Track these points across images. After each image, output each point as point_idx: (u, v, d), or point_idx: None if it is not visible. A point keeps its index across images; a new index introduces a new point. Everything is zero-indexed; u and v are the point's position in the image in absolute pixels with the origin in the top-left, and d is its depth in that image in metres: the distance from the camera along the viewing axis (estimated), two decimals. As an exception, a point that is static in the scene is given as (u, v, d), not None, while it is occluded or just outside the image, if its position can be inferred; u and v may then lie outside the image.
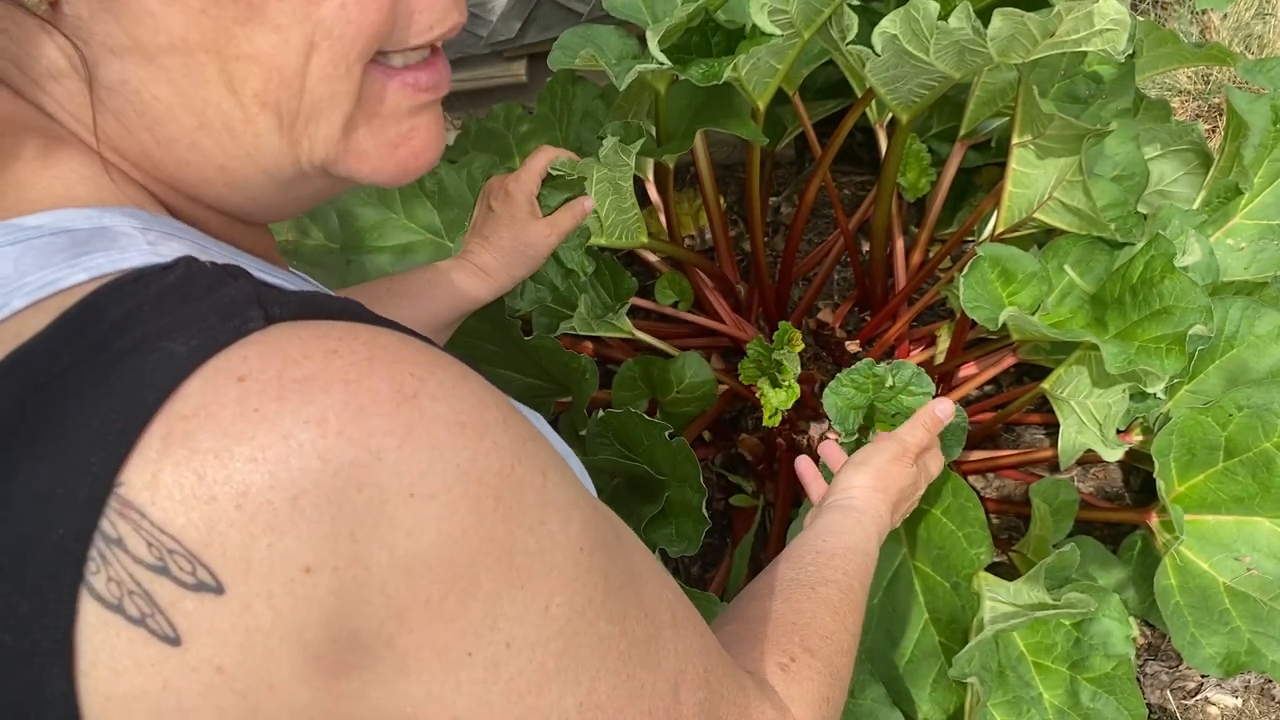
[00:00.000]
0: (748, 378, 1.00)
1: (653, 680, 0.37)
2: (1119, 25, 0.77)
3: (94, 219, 0.34)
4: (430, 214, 1.19)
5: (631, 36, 1.04)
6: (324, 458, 0.28)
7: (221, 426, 0.28)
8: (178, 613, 0.28)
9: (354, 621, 0.29)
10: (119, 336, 0.30)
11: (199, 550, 0.28)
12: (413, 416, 0.30)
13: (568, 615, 0.33)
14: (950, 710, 0.87)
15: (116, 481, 0.28)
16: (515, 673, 0.32)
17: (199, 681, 0.28)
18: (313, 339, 0.30)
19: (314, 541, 0.28)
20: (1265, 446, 0.88)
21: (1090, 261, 0.97)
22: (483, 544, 0.31)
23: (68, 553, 0.28)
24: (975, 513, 0.90)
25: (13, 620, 0.28)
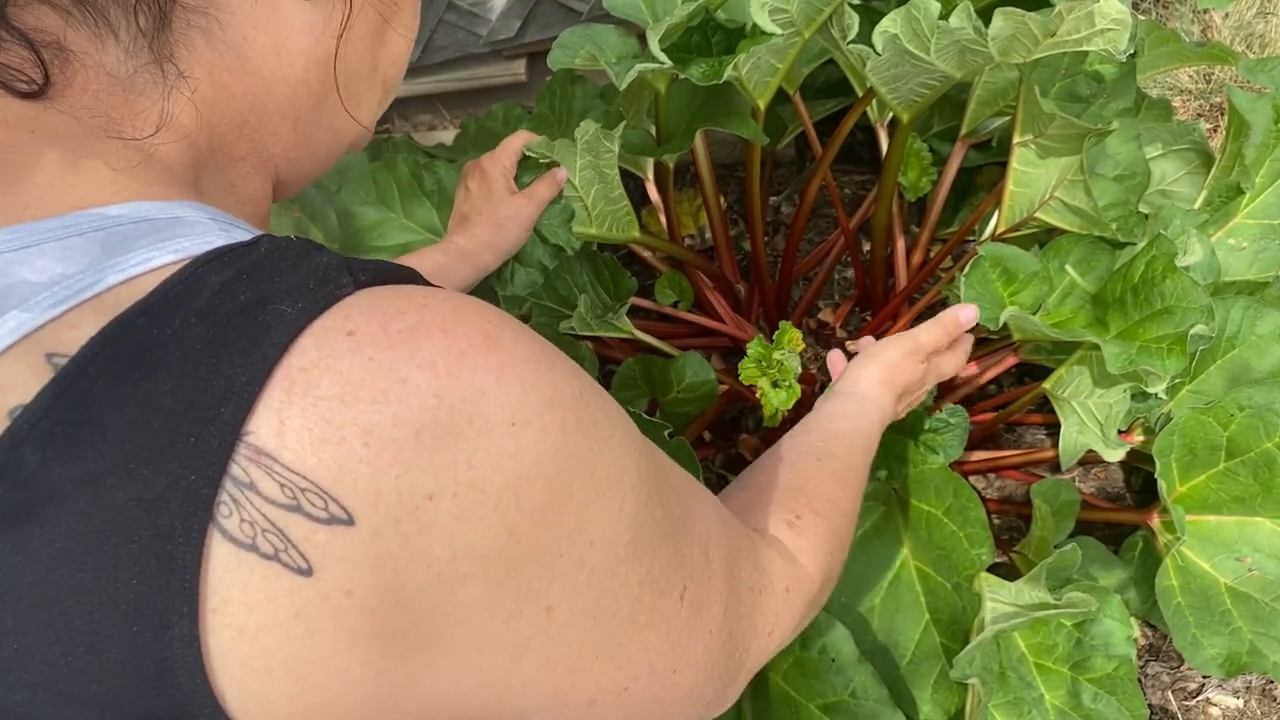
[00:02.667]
0: (748, 378, 1.00)
1: (689, 549, 0.43)
2: (1120, 25, 0.77)
3: (168, 210, 0.36)
4: (430, 213, 1.19)
5: (631, 36, 1.04)
6: (438, 395, 0.32)
7: (341, 375, 0.31)
8: (310, 545, 0.31)
9: (471, 539, 0.32)
10: (223, 302, 0.32)
11: (330, 486, 0.31)
12: (502, 356, 0.34)
13: (634, 512, 0.38)
14: (951, 711, 0.87)
15: (245, 431, 0.30)
16: (595, 564, 0.37)
17: (330, 606, 0.31)
18: (403, 297, 0.34)
19: (436, 470, 0.31)
20: (1267, 447, 0.88)
21: (1091, 261, 0.97)
22: (570, 460, 0.35)
23: (198, 497, 0.30)
24: (977, 513, 0.90)
25: (144, 563, 0.30)
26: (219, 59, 0.41)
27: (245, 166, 0.44)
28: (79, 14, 0.37)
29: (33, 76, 0.36)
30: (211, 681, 0.31)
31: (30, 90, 0.36)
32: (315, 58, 0.43)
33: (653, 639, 0.41)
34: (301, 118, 0.45)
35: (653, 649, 0.41)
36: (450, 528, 0.32)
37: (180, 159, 0.40)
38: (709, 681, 0.45)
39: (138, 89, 0.39)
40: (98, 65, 0.38)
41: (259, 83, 0.42)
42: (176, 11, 0.39)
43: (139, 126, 0.39)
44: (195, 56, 0.40)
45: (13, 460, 0.30)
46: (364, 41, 0.46)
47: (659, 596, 0.41)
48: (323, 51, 0.44)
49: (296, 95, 0.44)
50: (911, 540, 0.94)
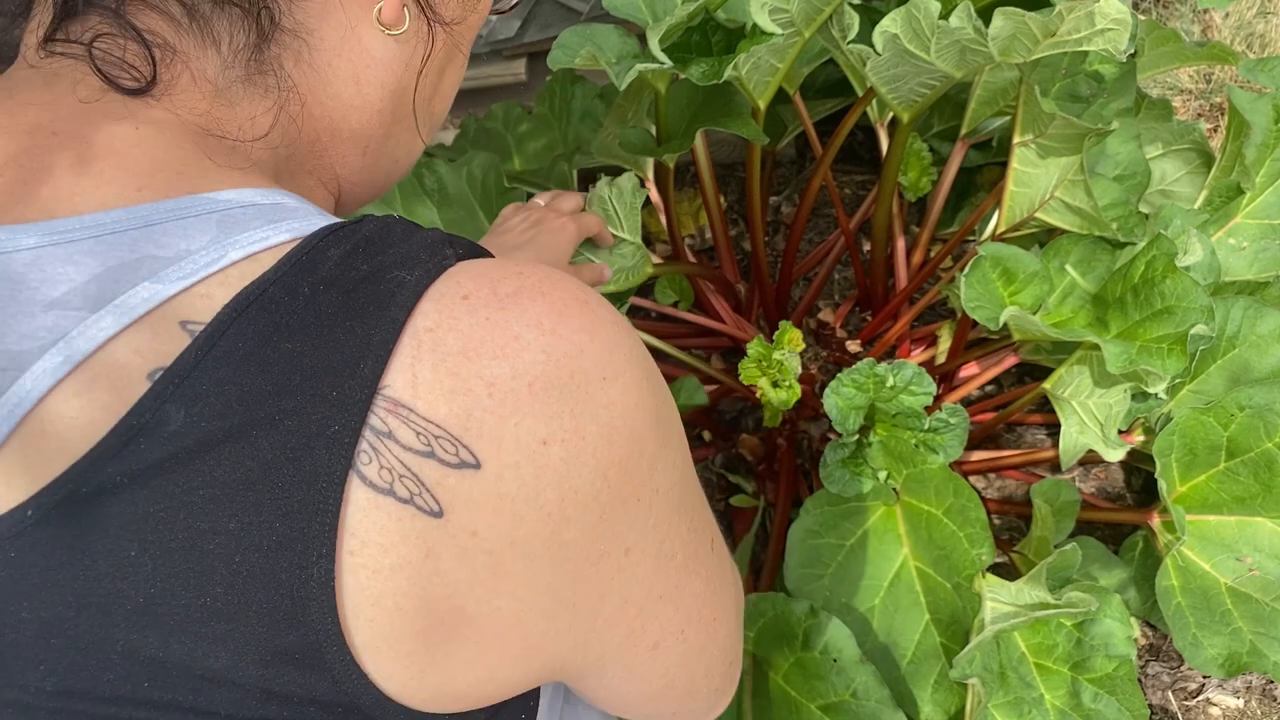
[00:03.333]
0: (748, 378, 1.00)
1: (705, 504, 0.47)
2: (1121, 25, 0.76)
3: (270, 197, 0.39)
4: (430, 212, 1.19)
5: (631, 36, 1.04)
6: (546, 351, 0.35)
7: (462, 333, 0.34)
8: (442, 489, 0.33)
9: (575, 482, 0.35)
10: (346, 271, 0.35)
11: (460, 433, 0.33)
12: (593, 318, 0.37)
13: (683, 469, 0.42)
14: (952, 711, 0.87)
15: (382, 385, 0.33)
16: (660, 510, 0.40)
17: (456, 546, 0.34)
18: (501, 265, 0.37)
19: (547, 418, 0.34)
20: (1267, 447, 0.87)
21: (1092, 261, 0.97)
22: (647, 414, 0.38)
23: (341, 445, 0.32)
24: (977, 513, 0.90)
25: (288, 507, 0.32)
26: (303, 80, 0.43)
27: (313, 180, 0.47)
28: (187, 23, 0.40)
29: (141, 73, 0.39)
30: (342, 621, 0.33)
31: (136, 87, 0.39)
32: (391, 90, 0.47)
33: (699, 584, 0.44)
34: (371, 146, 0.48)
35: (699, 594, 0.45)
36: (560, 471, 0.35)
37: (265, 161, 0.43)
38: (736, 635, 0.50)
39: (232, 96, 0.42)
40: (200, 70, 0.41)
41: (336, 107, 0.45)
42: (277, 33, 0.42)
43: (237, 128, 0.42)
44: (282, 75, 0.43)
45: (158, 418, 0.32)
46: (430, 77, 0.49)
47: (700, 544, 0.45)
48: (398, 84, 0.47)
49: (369, 124, 0.47)
50: (911, 540, 0.94)
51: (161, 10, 0.40)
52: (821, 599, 0.91)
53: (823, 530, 0.94)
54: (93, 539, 0.32)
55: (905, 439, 0.95)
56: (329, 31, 0.43)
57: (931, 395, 0.92)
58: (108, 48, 0.39)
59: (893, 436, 0.96)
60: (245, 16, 0.40)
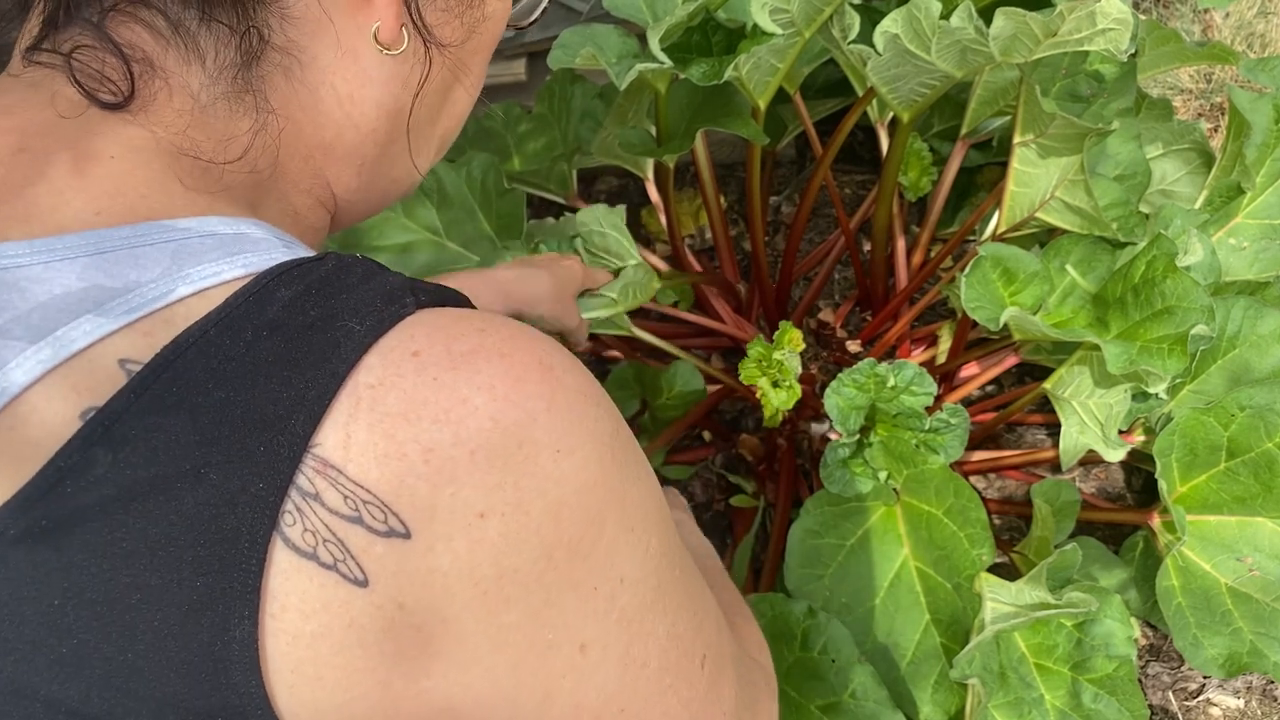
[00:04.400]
0: (748, 378, 1.00)
1: (705, 618, 0.43)
2: (1122, 25, 0.76)
3: (233, 226, 0.37)
4: (429, 213, 1.19)
5: (631, 35, 1.04)
6: (494, 418, 0.33)
7: (405, 393, 0.32)
8: (368, 557, 0.32)
9: (515, 560, 0.33)
10: (293, 316, 0.33)
11: (391, 500, 0.32)
12: (554, 385, 0.35)
13: (659, 556, 0.39)
14: (952, 711, 0.87)
15: (312, 443, 0.31)
16: (625, 604, 0.37)
17: (382, 618, 0.32)
18: (463, 320, 0.35)
19: (487, 490, 0.32)
20: (1267, 447, 0.87)
21: (1092, 261, 0.97)
22: (607, 493, 0.35)
23: (265, 504, 0.31)
24: (977, 513, 0.90)
25: (209, 566, 0.31)
26: (295, 98, 0.42)
27: (309, 198, 0.46)
28: (171, 38, 0.39)
29: (119, 88, 0.38)
30: (266, 684, 0.32)
31: (114, 101, 0.38)
32: (387, 109, 0.45)
33: (675, 704, 0.40)
34: (366, 164, 0.47)
35: (673, 716, 0.40)
36: (498, 546, 0.33)
37: (242, 183, 0.41)
38: None
39: (216, 113, 0.40)
40: (182, 86, 0.39)
41: (330, 125, 0.44)
42: (266, 51, 0.40)
43: (214, 148, 0.40)
44: (273, 93, 0.41)
45: (85, 460, 0.31)
46: (432, 98, 0.47)
47: (683, 657, 0.40)
48: (395, 104, 0.45)
49: (364, 142, 0.45)
50: (912, 540, 0.94)
51: (146, 24, 0.39)
52: (821, 599, 0.91)
53: (823, 530, 0.94)
54: (19, 584, 0.31)
55: (906, 439, 0.95)
56: (322, 50, 0.41)
57: (932, 395, 0.92)
58: (86, 60, 0.38)
59: (893, 436, 0.96)
60: (233, 34, 0.39)
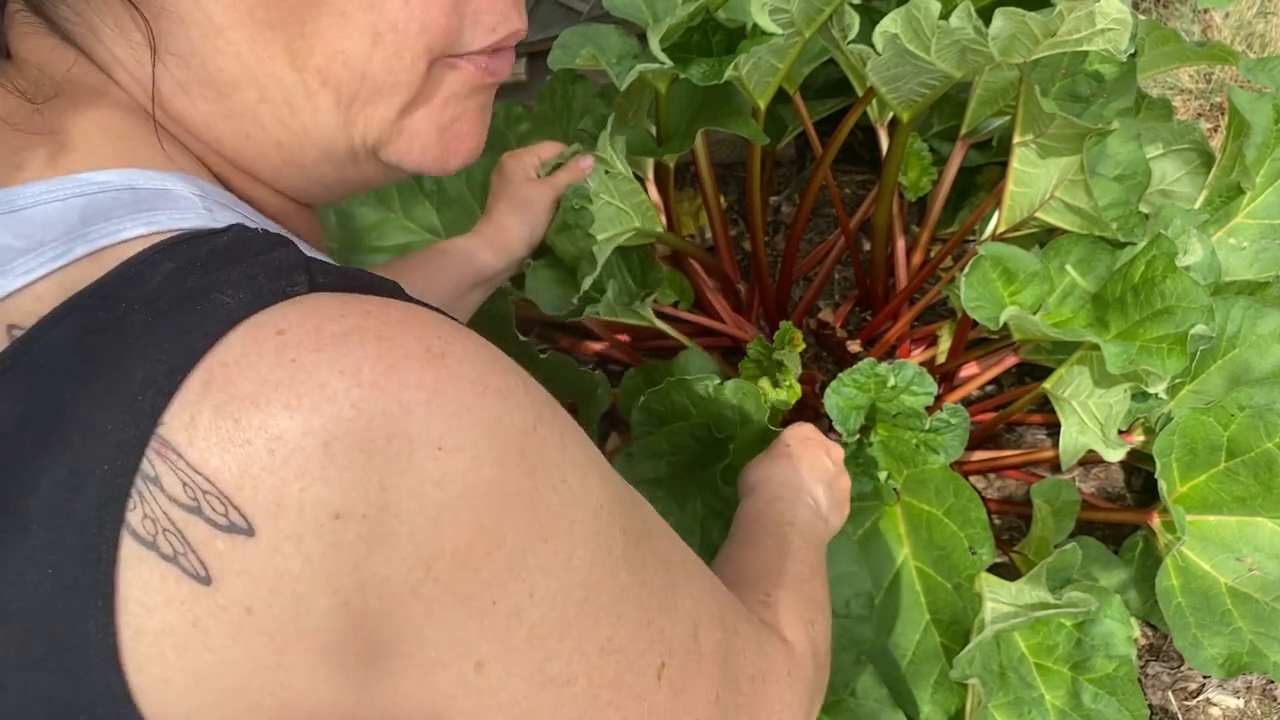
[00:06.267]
0: (748, 377, 1.00)
1: (670, 624, 0.39)
2: (1121, 25, 0.76)
3: (156, 181, 0.35)
4: (429, 213, 1.19)
5: (632, 35, 1.04)
6: (357, 407, 0.29)
7: (259, 374, 0.29)
8: (209, 552, 0.29)
9: (382, 569, 0.30)
10: (172, 287, 0.31)
11: (231, 492, 0.29)
12: (441, 374, 0.31)
13: (588, 567, 0.35)
14: (952, 711, 0.87)
15: (159, 421, 0.29)
16: (538, 620, 0.33)
17: (228, 621, 0.29)
18: (350, 302, 0.32)
19: (344, 488, 0.29)
20: (1267, 447, 0.87)
21: (1092, 261, 0.97)
22: (508, 498, 0.32)
23: (112, 488, 0.29)
24: (977, 513, 0.90)
25: (59, 554, 0.29)
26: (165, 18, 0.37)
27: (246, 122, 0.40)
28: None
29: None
30: (127, 680, 0.29)
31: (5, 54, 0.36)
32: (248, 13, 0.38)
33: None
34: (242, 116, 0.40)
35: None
36: (358, 552, 0.29)
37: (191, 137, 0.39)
38: None
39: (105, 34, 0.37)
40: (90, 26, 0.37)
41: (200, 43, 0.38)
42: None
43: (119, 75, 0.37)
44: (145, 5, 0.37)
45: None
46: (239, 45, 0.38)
47: (626, 671, 0.36)
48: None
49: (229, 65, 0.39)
50: (912, 540, 0.94)
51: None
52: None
53: (823, 530, 0.94)
54: None
55: (906, 439, 0.95)
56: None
57: (932, 395, 0.92)
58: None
59: (893, 436, 0.96)
60: None
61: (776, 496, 0.71)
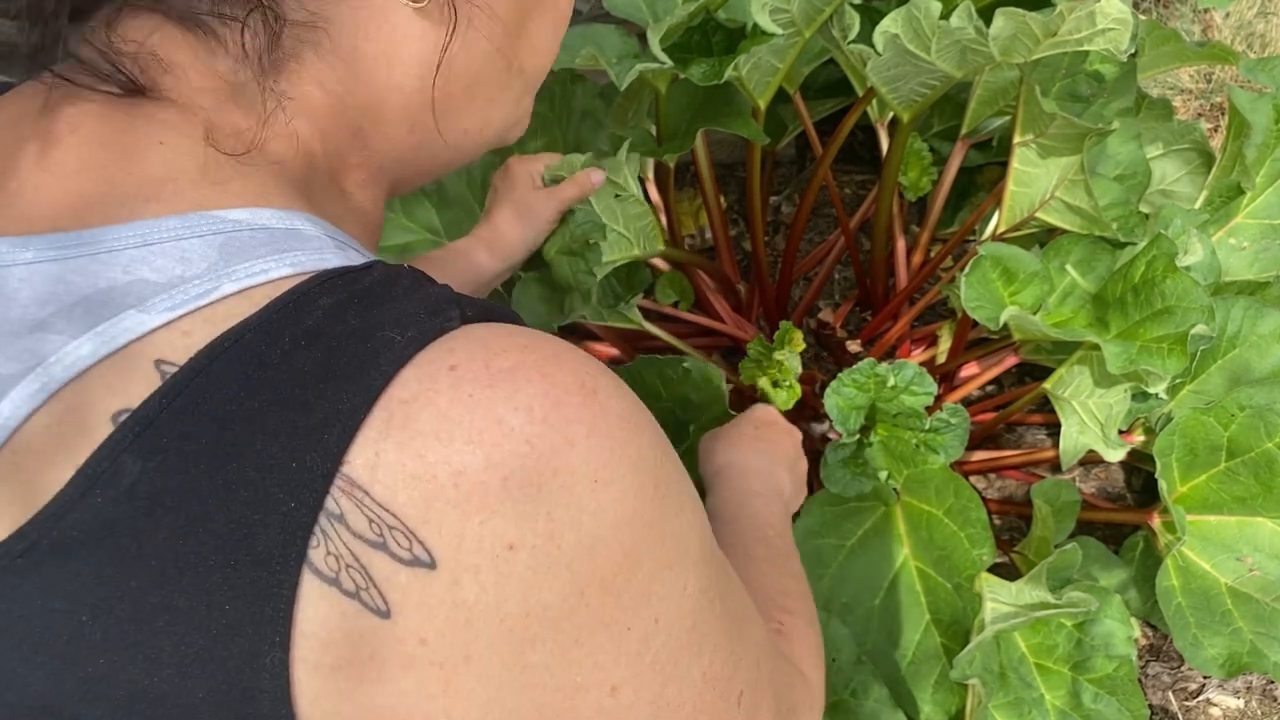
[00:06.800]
0: (748, 378, 1.00)
1: (745, 652, 0.41)
2: (1122, 25, 0.76)
3: (285, 220, 0.36)
4: (429, 214, 1.19)
5: (632, 35, 1.04)
6: (530, 442, 0.31)
7: (440, 410, 0.30)
8: (391, 586, 0.30)
9: (544, 596, 0.31)
10: (334, 324, 0.32)
11: (416, 527, 0.30)
12: (595, 410, 0.33)
13: (697, 595, 0.37)
14: (952, 711, 0.87)
15: (343, 460, 0.30)
16: (660, 645, 0.35)
17: (403, 653, 0.30)
18: (505, 335, 0.33)
19: (518, 520, 0.30)
20: (1268, 447, 0.87)
21: (1092, 261, 0.97)
22: (645, 528, 0.34)
23: (297, 525, 0.29)
24: (978, 513, 0.90)
25: (240, 589, 0.29)
26: (330, 71, 0.40)
27: (360, 174, 0.44)
28: (185, 29, 0.37)
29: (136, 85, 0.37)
30: (297, 714, 0.30)
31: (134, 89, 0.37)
32: (431, 64, 0.42)
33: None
34: (418, 122, 0.44)
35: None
36: (527, 581, 0.31)
37: (296, 167, 0.40)
38: None
39: (250, 96, 0.39)
40: (209, 73, 0.38)
41: (372, 91, 0.42)
42: (286, 30, 0.39)
43: (253, 133, 0.39)
44: (305, 69, 0.40)
45: (114, 468, 0.30)
46: (489, 41, 0.44)
47: (719, 698, 0.38)
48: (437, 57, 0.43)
49: (411, 101, 0.43)
50: (912, 540, 0.94)
51: (166, 16, 0.38)
52: (822, 599, 0.91)
53: (823, 530, 0.94)
54: (50, 597, 0.30)
55: (906, 439, 0.95)
56: (348, 15, 0.39)
57: (932, 395, 0.92)
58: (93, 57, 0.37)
59: (893, 436, 0.96)
60: (242, 23, 0.38)
61: (749, 489, 0.72)
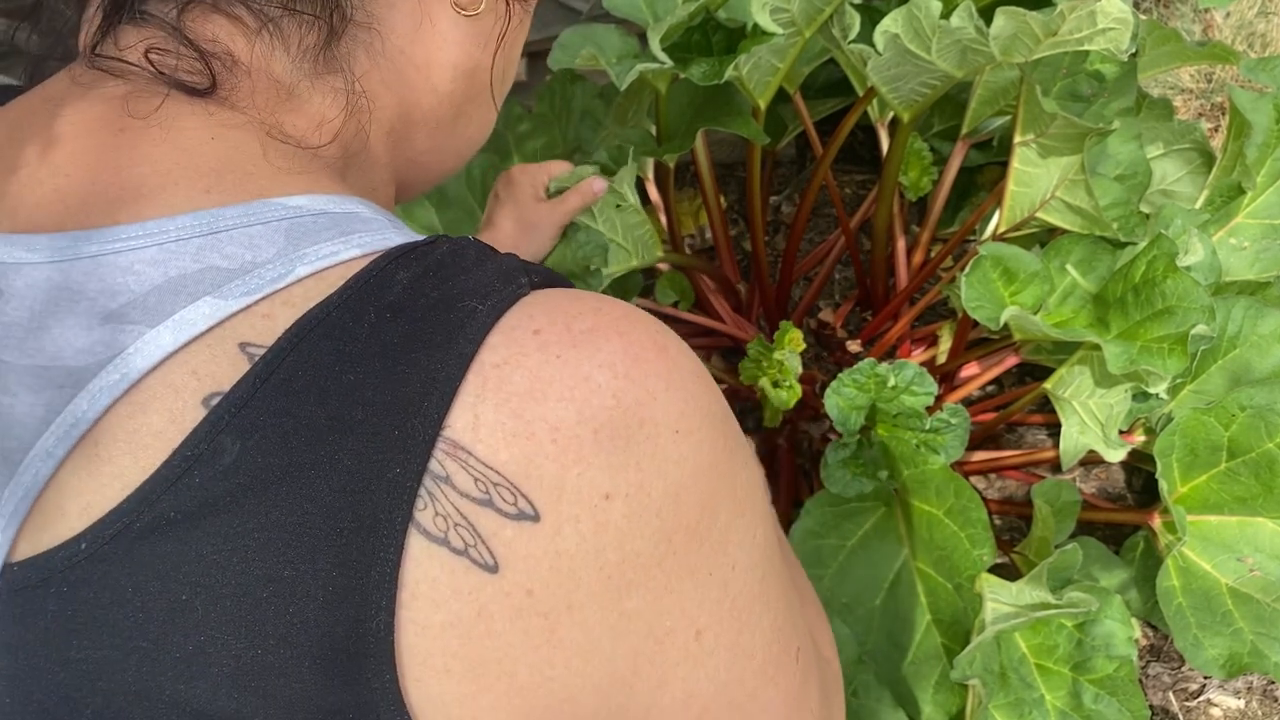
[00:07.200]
0: (748, 378, 1.00)
1: (796, 609, 0.42)
2: (1122, 24, 0.76)
3: (343, 205, 0.37)
4: (429, 213, 1.19)
5: (632, 35, 1.04)
6: (617, 396, 0.32)
7: (531, 371, 0.32)
8: (498, 541, 0.31)
9: (637, 544, 0.33)
10: (415, 297, 0.33)
11: (520, 481, 0.31)
12: (670, 365, 0.34)
13: (764, 546, 0.38)
14: (953, 712, 0.87)
15: (444, 424, 0.31)
16: (737, 592, 0.36)
17: (510, 605, 0.31)
18: (578, 299, 0.35)
19: (611, 470, 0.32)
20: (1268, 447, 0.87)
21: (1093, 261, 0.97)
22: (721, 477, 0.35)
23: (402, 489, 0.30)
24: (978, 514, 0.90)
25: (346, 555, 0.30)
26: (376, 71, 0.42)
27: (386, 172, 0.46)
28: (255, 27, 0.39)
29: (199, 81, 0.38)
30: (400, 680, 0.31)
31: (201, 89, 0.38)
32: (463, 69, 0.44)
33: (776, 697, 0.39)
34: (440, 127, 0.46)
35: (774, 710, 0.39)
36: (622, 529, 0.32)
37: (336, 159, 0.41)
38: None
39: (302, 94, 0.40)
40: (266, 72, 0.39)
41: (409, 94, 0.43)
42: (347, 28, 0.40)
43: (306, 130, 0.40)
44: (357, 69, 0.41)
45: (212, 448, 0.30)
46: (507, 50, 0.47)
47: (783, 651, 0.39)
48: (470, 63, 0.45)
49: (440, 106, 0.45)
50: (912, 541, 0.93)
51: (227, 15, 0.38)
52: (822, 599, 0.91)
53: (823, 531, 0.94)
54: (144, 579, 0.30)
55: (906, 439, 0.95)
56: (400, 19, 0.41)
57: (933, 395, 0.92)
58: (160, 60, 0.37)
59: (894, 437, 0.95)
60: (317, 17, 0.39)
61: None
